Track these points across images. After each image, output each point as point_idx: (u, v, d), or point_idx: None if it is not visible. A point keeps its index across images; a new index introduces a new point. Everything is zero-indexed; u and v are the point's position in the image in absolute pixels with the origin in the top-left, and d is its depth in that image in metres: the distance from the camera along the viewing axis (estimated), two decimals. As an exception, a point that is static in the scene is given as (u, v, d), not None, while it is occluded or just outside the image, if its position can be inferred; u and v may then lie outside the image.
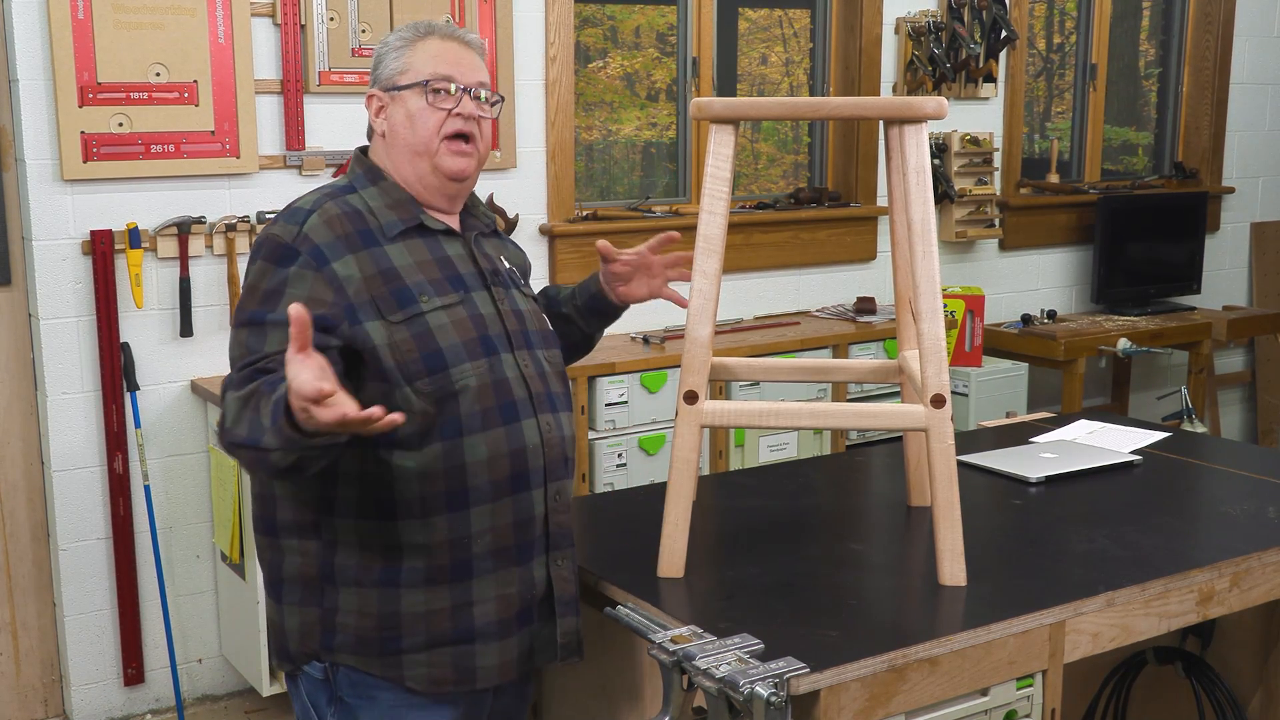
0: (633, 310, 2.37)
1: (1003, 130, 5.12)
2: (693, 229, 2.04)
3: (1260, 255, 6.07)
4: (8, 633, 3.60)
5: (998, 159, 5.09)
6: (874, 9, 4.74)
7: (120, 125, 3.42)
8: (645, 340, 4.14)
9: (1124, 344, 4.88)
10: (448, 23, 2.00)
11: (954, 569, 2.00)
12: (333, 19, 3.68)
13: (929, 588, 2.02)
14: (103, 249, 3.43)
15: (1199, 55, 5.80)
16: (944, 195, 4.88)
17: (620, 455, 3.90)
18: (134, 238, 3.45)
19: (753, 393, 4.09)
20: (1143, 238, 5.42)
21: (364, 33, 3.72)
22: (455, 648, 1.89)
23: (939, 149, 4.91)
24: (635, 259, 2.18)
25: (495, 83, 1.91)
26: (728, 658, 1.67)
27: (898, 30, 4.83)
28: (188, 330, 3.56)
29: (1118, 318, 5.25)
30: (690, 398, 2.01)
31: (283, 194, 3.66)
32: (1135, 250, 5.41)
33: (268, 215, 3.60)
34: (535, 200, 4.13)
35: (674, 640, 1.73)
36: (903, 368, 2.29)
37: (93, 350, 3.48)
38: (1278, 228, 6.09)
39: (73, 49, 3.33)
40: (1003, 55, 5.03)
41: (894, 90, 4.85)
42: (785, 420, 2.02)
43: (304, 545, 1.90)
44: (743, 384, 4.03)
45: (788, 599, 1.96)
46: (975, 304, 4.62)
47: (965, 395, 4.58)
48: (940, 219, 4.96)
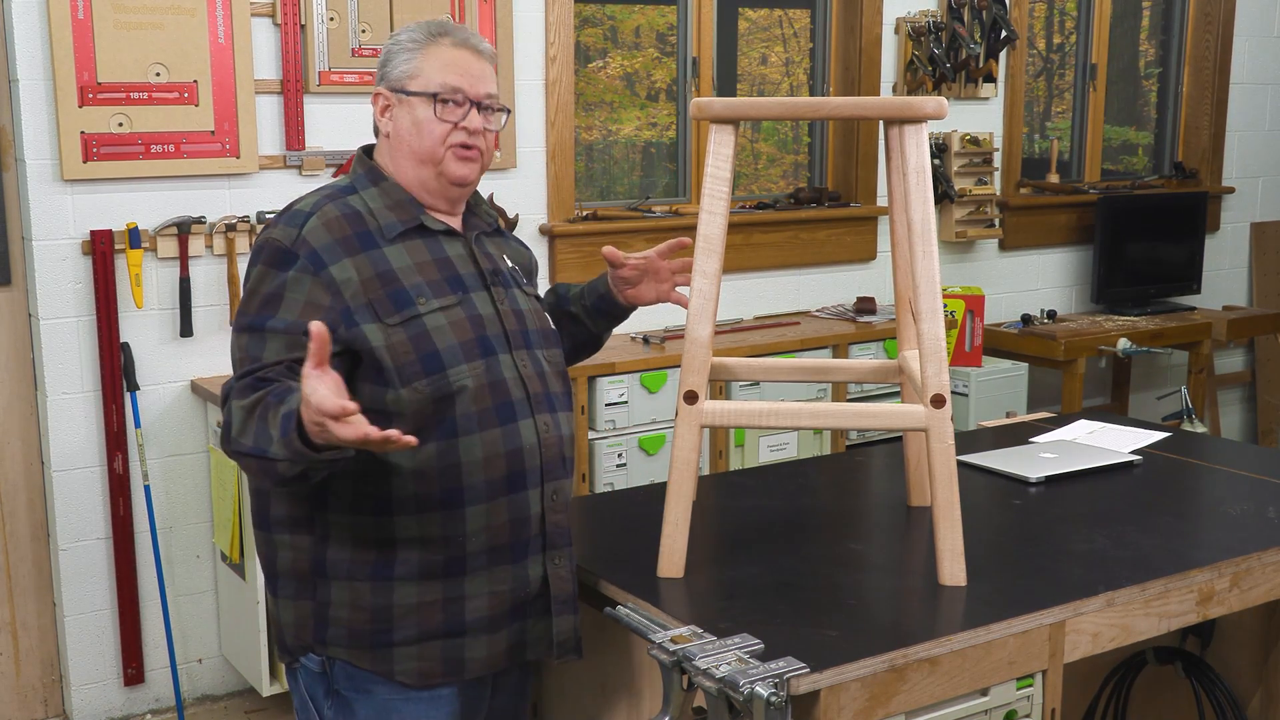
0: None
1: (1003, 130, 5.12)
2: (693, 229, 2.04)
3: (1260, 255, 6.07)
4: (8, 633, 3.60)
5: (998, 159, 5.09)
6: (874, 9, 4.74)
7: (120, 125, 3.42)
8: (645, 340, 4.14)
9: (1124, 344, 4.88)
10: (460, 26, 1.99)
11: (954, 569, 2.00)
12: (333, 19, 3.68)
13: (929, 588, 2.02)
14: (103, 249, 3.43)
15: (1199, 55, 5.80)
16: (944, 195, 4.88)
17: (620, 455, 3.90)
18: (134, 238, 3.45)
19: (753, 393, 4.09)
20: (1143, 238, 5.42)
21: (364, 33, 3.73)
22: (445, 640, 1.90)
23: (939, 149, 4.91)
24: (643, 263, 2.19)
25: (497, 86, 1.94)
26: (728, 658, 1.67)
27: (898, 30, 4.83)
28: (188, 330, 3.56)
29: (1118, 318, 5.25)
30: (690, 398, 2.01)
31: (283, 194, 3.66)
32: (1135, 250, 5.41)
33: (268, 215, 3.60)
34: (535, 200, 4.13)
35: (674, 640, 1.73)
36: (903, 368, 2.29)
37: (93, 350, 3.48)
38: (1278, 228, 6.09)
39: (73, 49, 3.33)
40: (1003, 55, 5.03)
41: (894, 90, 4.86)
42: (785, 420, 2.02)
43: (296, 540, 1.91)
44: (743, 384, 4.03)
45: (788, 599, 1.96)
46: (975, 304, 4.62)
47: (965, 395, 4.58)
48: (940, 219, 4.96)
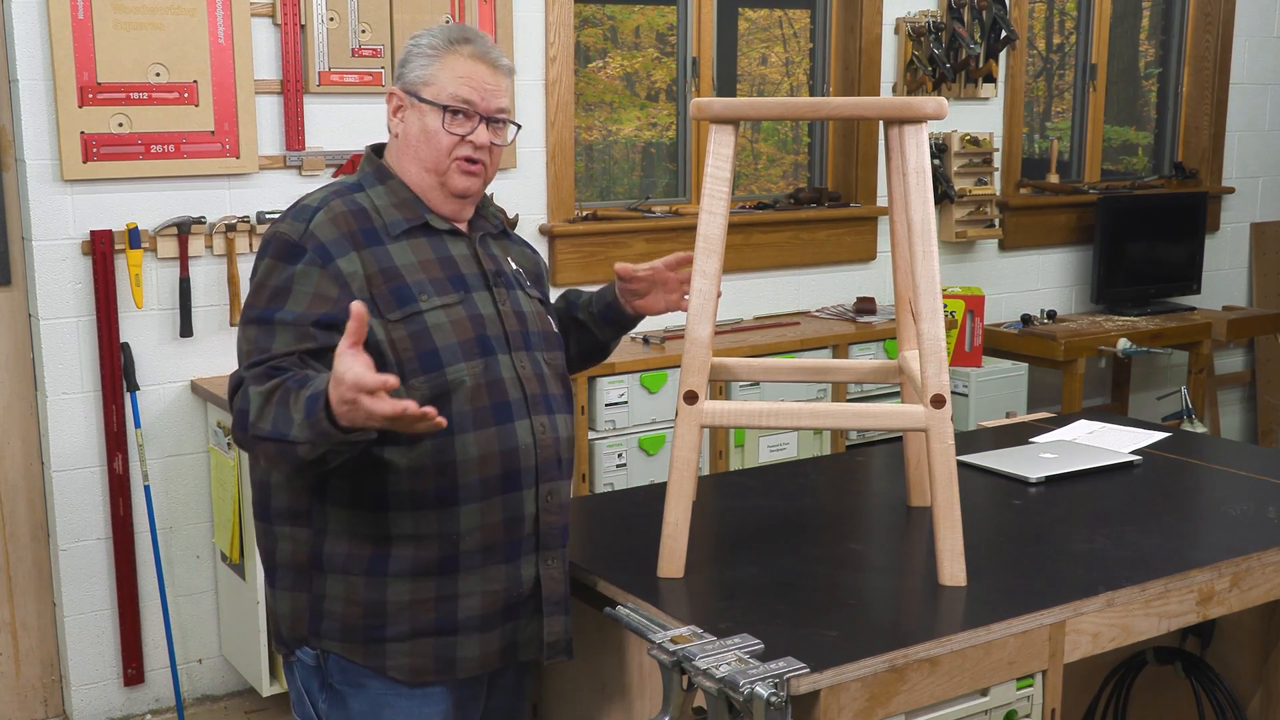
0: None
1: (1003, 130, 5.12)
2: (693, 229, 2.05)
3: (1260, 255, 6.07)
4: (8, 633, 3.60)
5: (998, 159, 5.09)
6: (874, 9, 4.74)
7: (120, 125, 3.42)
8: (645, 340, 4.14)
9: (1124, 344, 4.88)
10: (483, 36, 1.99)
11: (954, 569, 2.00)
12: (333, 19, 3.68)
13: (929, 588, 2.02)
14: (103, 249, 3.43)
15: (1199, 55, 5.80)
16: (944, 195, 4.88)
17: (620, 455, 3.90)
18: (134, 238, 3.45)
19: (753, 393, 4.09)
20: (1143, 238, 5.42)
21: (364, 33, 3.72)
22: (437, 638, 1.91)
23: (939, 149, 4.91)
24: (650, 274, 2.18)
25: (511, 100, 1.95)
26: (728, 658, 1.67)
27: (897, 30, 4.83)
28: (188, 330, 3.56)
29: (1118, 318, 5.25)
30: (690, 398, 2.01)
31: (283, 194, 3.67)
32: (1135, 250, 5.41)
33: (268, 215, 3.60)
34: (535, 200, 4.13)
35: (674, 640, 1.73)
36: (903, 368, 2.30)
37: (93, 350, 3.48)
38: (1278, 228, 6.09)
39: (73, 49, 3.33)
40: (1003, 55, 5.03)
41: (894, 90, 4.86)
42: (785, 420, 2.02)
43: (295, 532, 1.93)
44: (743, 384, 4.03)
45: (788, 599, 1.96)
46: (975, 304, 4.62)
47: (965, 395, 4.58)
48: (940, 219, 4.96)
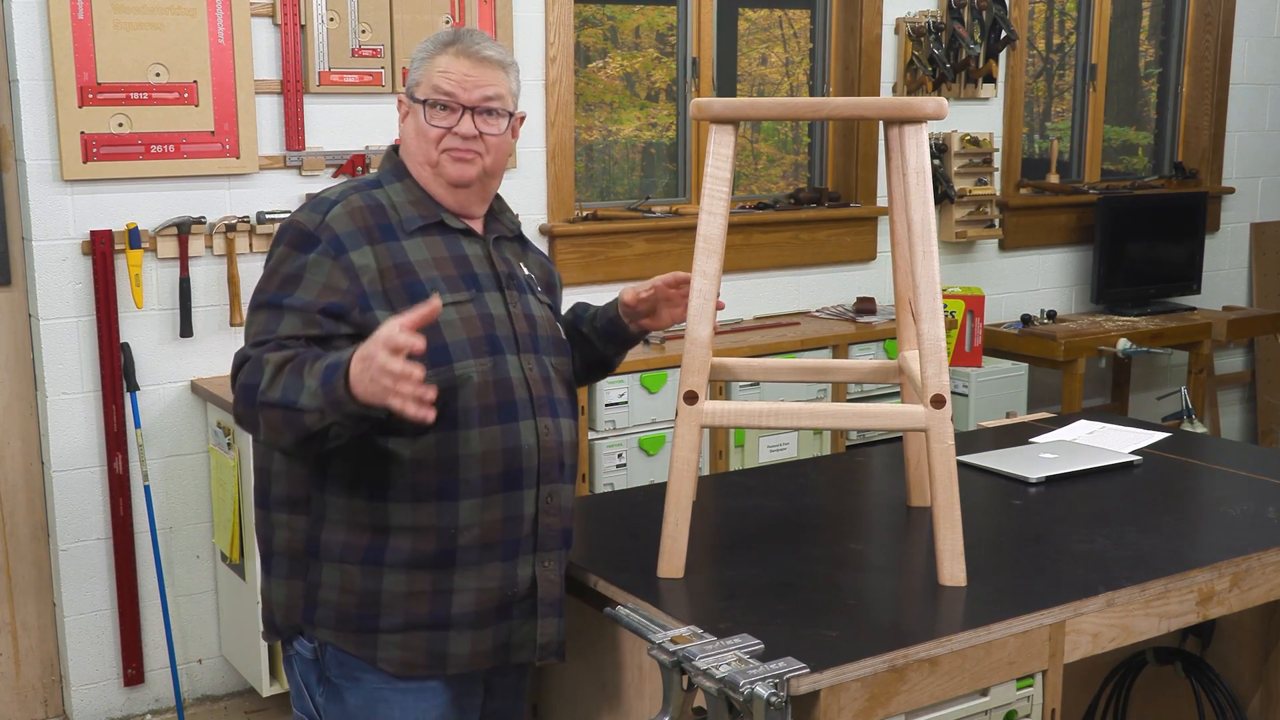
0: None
1: (1002, 130, 5.12)
2: (693, 229, 2.05)
3: (1260, 255, 6.07)
4: (8, 633, 3.60)
5: (998, 159, 5.09)
6: (874, 9, 4.74)
7: (120, 125, 3.42)
8: (645, 340, 4.14)
9: (1124, 344, 4.88)
10: (475, 34, 2.01)
11: (954, 569, 2.00)
12: (333, 19, 3.68)
13: (929, 588, 2.02)
14: (103, 249, 3.43)
15: (1199, 55, 5.80)
16: (944, 195, 4.88)
17: (620, 455, 3.90)
18: (134, 238, 3.45)
19: (753, 393, 4.09)
20: (1143, 238, 5.42)
21: (364, 33, 3.72)
22: (429, 632, 1.92)
23: (939, 149, 4.91)
24: (652, 294, 2.18)
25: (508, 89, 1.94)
26: (728, 658, 1.67)
27: (897, 30, 4.83)
28: (188, 330, 3.56)
29: (1118, 318, 5.25)
30: (690, 398, 2.01)
31: (283, 194, 3.67)
32: (1135, 250, 5.41)
33: (268, 215, 3.60)
34: (535, 200, 4.13)
35: (674, 640, 1.73)
36: (903, 368, 2.29)
37: (93, 350, 3.48)
38: (1278, 228, 6.09)
39: (73, 49, 3.33)
40: (1002, 55, 5.03)
41: (894, 90, 4.86)
42: (785, 420, 2.03)
43: (294, 520, 1.95)
44: (743, 384, 4.03)
45: (788, 599, 1.96)
46: (975, 304, 4.62)
47: (965, 395, 4.58)
48: (940, 219, 4.96)
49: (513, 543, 1.94)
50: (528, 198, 4.10)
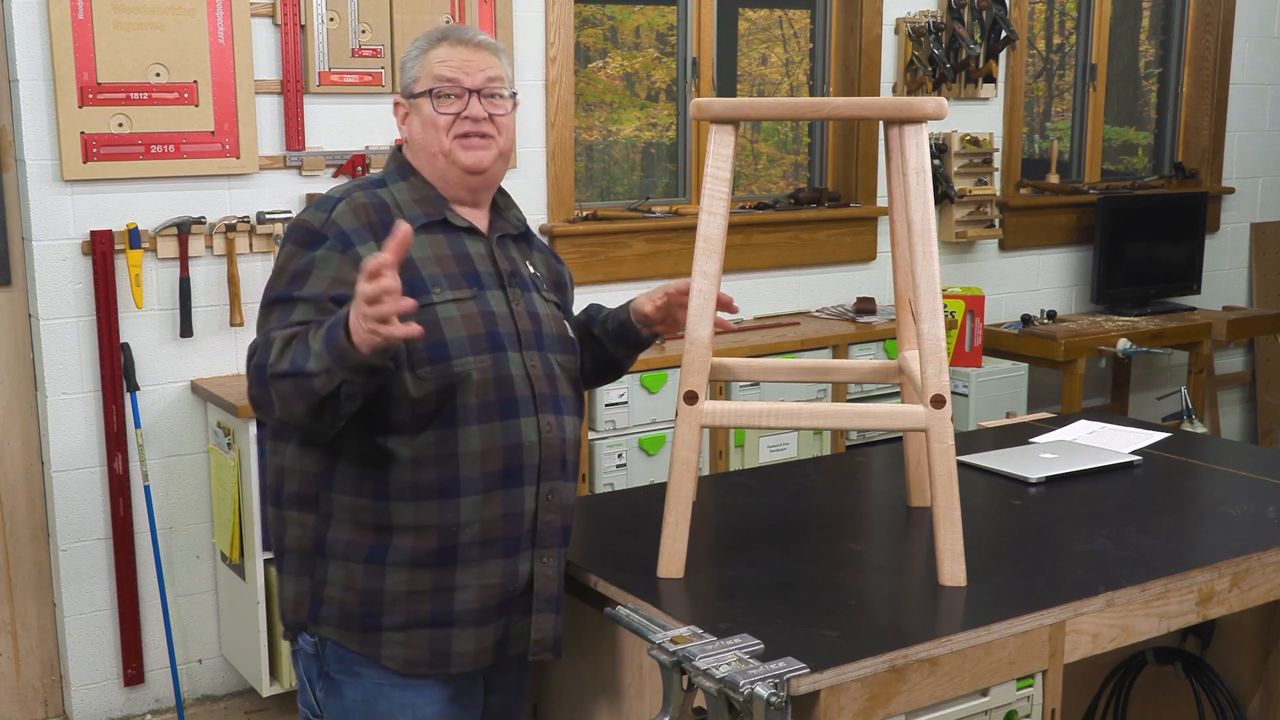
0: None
1: (1002, 130, 5.12)
2: (693, 229, 2.05)
3: (1260, 255, 6.07)
4: (8, 633, 3.60)
5: (998, 159, 5.09)
6: (874, 9, 4.74)
7: (120, 125, 3.42)
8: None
9: (1124, 344, 4.88)
10: (464, 27, 2.04)
11: (954, 569, 2.00)
12: (333, 19, 3.68)
13: (929, 588, 2.02)
14: (103, 249, 3.43)
15: (1199, 55, 5.80)
16: (944, 195, 4.88)
17: (620, 455, 3.90)
18: (134, 238, 3.45)
19: (753, 393, 4.09)
20: (1143, 238, 5.42)
21: (364, 33, 3.72)
22: (432, 630, 1.93)
23: (939, 149, 4.91)
24: (665, 302, 2.16)
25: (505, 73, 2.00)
26: (728, 658, 1.67)
27: (897, 31, 4.83)
28: (188, 330, 3.56)
29: (1118, 318, 5.25)
30: (690, 398, 2.01)
31: (283, 194, 3.67)
32: (1135, 250, 5.41)
33: (268, 215, 3.60)
34: (535, 200, 4.13)
35: (674, 640, 1.73)
36: (903, 368, 2.29)
37: (93, 350, 3.48)
38: (1278, 228, 6.09)
39: (73, 49, 3.33)
40: (1002, 55, 5.03)
41: (894, 91, 4.86)
42: (785, 420, 2.03)
43: (303, 518, 1.96)
44: (743, 384, 4.03)
45: (788, 599, 1.96)
46: (975, 304, 4.62)
47: (965, 395, 4.58)
48: (940, 219, 4.96)
49: (513, 539, 1.95)
50: (528, 198, 4.10)
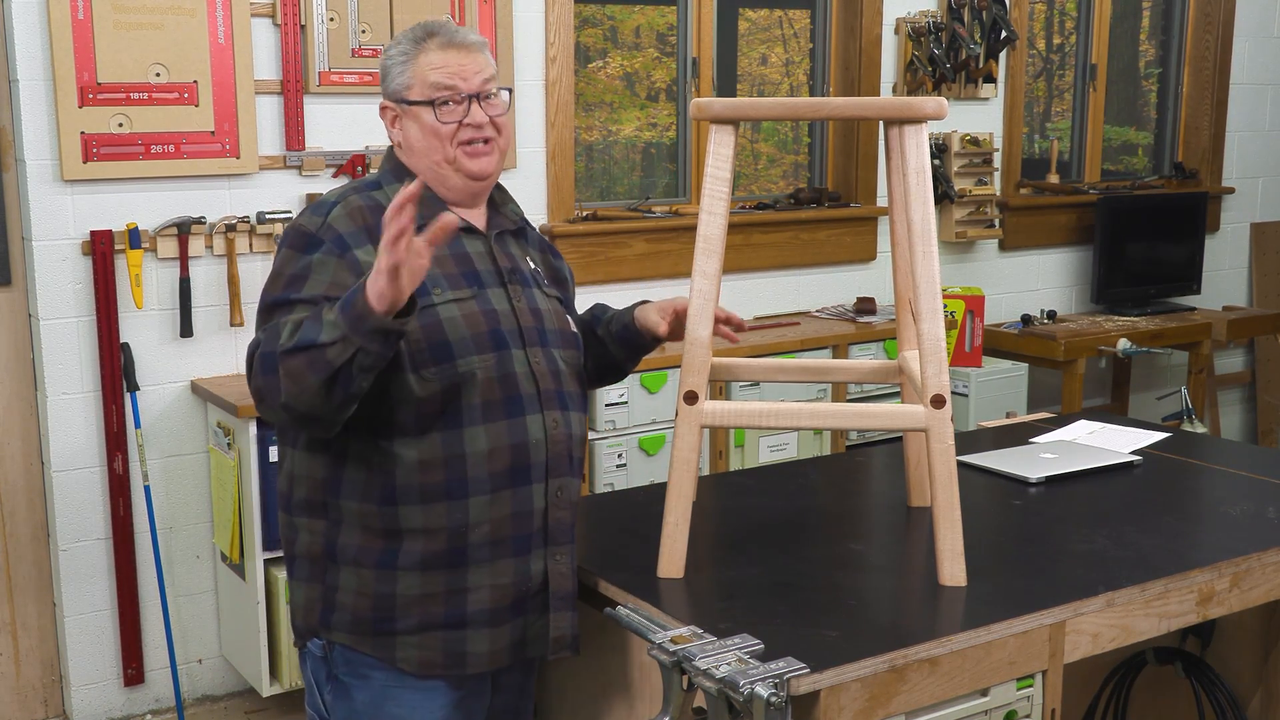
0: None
1: (1002, 130, 5.12)
2: (693, 229, 2.05)
3: (1260, 255, 6.07)
4: (8, 633, 3.60)
5: (998, 159, 5.09)
6: (874, 9, 4.74)
7: (120, 125, 3.42)
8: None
9: (1124, 344, 4.88)
10: (446, 23, 2.02)
11: (954, 569, 2.00)
12: (333, 19, 3.68)
13: (929, 588, 2.02)
14: (103, 249, 3.43)
15: (1199, 55, 5.80)
16: (944, 195, 4.88)
17: (620, 455, 3.90)
18: (134, 238, 3.45)
19: (753, 393, 4.09)
20: (1143, 238, 5.42)
21: (364, 33, 3.72)
22: (446, 632, 1.92)
23: (939, 149, 4.91)
24: (674, 320, 2.17)
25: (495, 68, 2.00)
26: (728, 658, 1.67)
27: (897, 31, 4.83)
28: (188, 330, 3.56)
29: (1118, 318, 5.25)
30: (690, 398, 2.01)
31: (283, 194, 3.67)
32: (1135, 250, 5.41)
33: (268, 215, 3.60)
34: (535, 200, 4.13)
35: (674, 640, 1.73)
36: (903, 368, 2.29)
37: (93, 350, 3.48)
38: (1278, 228, 6.09)
39: (73, 49, 3.33)
40: (1002, 55, 5.03)
41: (894, 91, 4.86)
42: (785, 420, 2.02)
43: (313, 524, 1.96)
44: (743, 384, 4.03)
45: (788, 599, 1.96)
46: (975, 304, 4.62)
47: (965, 395, 4.58)
48: (940, 219, 4.96)
49: (524, 538, 1.94)
50: (528, 198, 4.10)
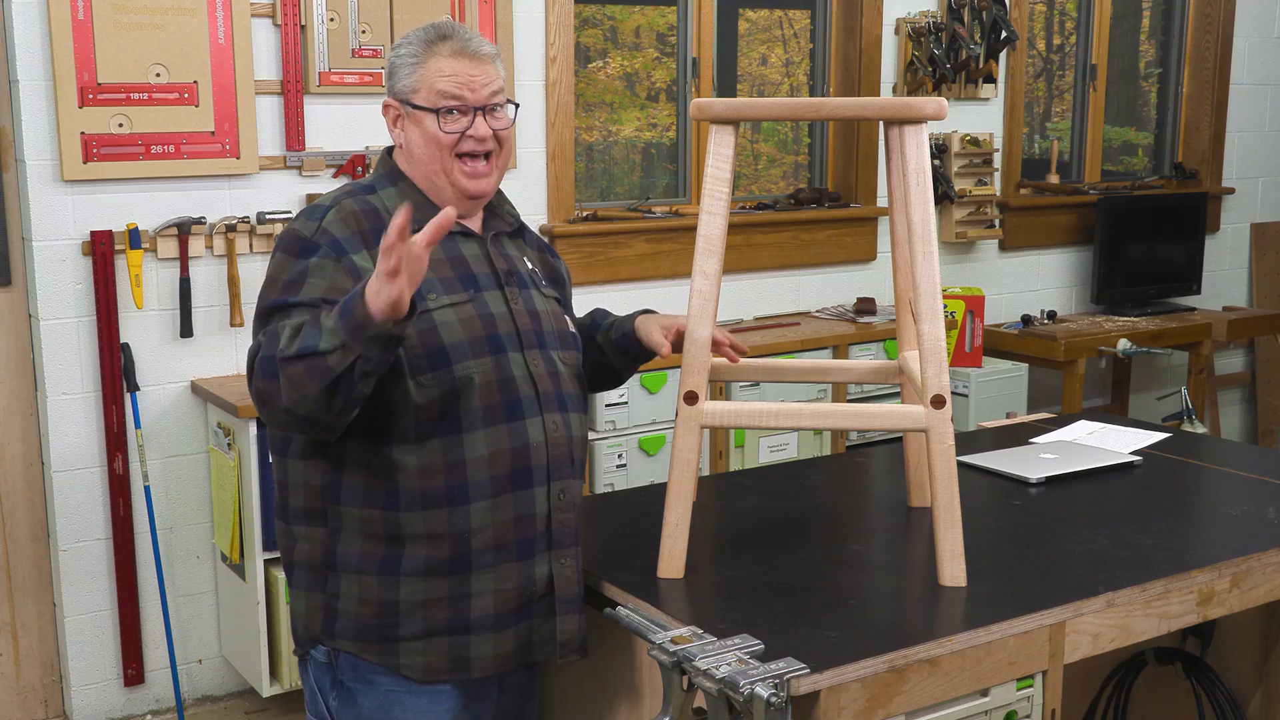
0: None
1: (1003, 131, 5.12)
2: (693, 229, 2.05)
3: (1260, 256, 6.07)
4: (8, 633, 3.60)
5: (998, 159, 5.09)
6: (874, 10, 4.74)
7: (120, 126, 3.42)
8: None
9: (1124, 344, 4.88)
10: (459, 28, 1.99)
11: (954, 570, 2.00)
12: (333, 19, 3.68)
13: (929, 588, 2.02)
14: (103, 249, 3.43)
15: (1199, 55, 5.80)
16: (944, 196, 4.88)
17: (620, 456, 3.90)
18: (134, 238, 3.45)
19: (753, 393, 4.09)
20: (1143, 238, 5.42)
21: (364, 33, 3.72)
22: (451, 638, 1.92)
23: (939, 150, 4.91)
24: (677, 338, 2.16)
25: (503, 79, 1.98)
26: (728, 658, 1.67)
27: (898, 31, 4.83)
28: (188, 331, 3.56)
29: (1118, 318, 5.25)
30: (690, 398, 2.01)
31: (283, 194, 3.67)
32: (1135, 251, 5.41)
33: (268, 216, 3.60)
34: (535, 201, 4.13)
35: (674, 641, 1.73)
36: (903, 368, 2.29)
37: (93, 351, 3.48)
38: (1278, 228, 6.09)
39: (73, 49, 3.33)
40: (1003, 56, 5.03)
41: (894, 91, 4.86)
42: (785, 421, 2.02)
43: (311, 532, 1.94)
44: (743, 384, 4.03)
45: (788, 599, 1.96)
46: (975, 304, 4.62)
47: (965, 396, 4.58)
48: (940, 220, 4.96)
49: (527, 541, 1.94)
50: (528, 198, 4.10)
